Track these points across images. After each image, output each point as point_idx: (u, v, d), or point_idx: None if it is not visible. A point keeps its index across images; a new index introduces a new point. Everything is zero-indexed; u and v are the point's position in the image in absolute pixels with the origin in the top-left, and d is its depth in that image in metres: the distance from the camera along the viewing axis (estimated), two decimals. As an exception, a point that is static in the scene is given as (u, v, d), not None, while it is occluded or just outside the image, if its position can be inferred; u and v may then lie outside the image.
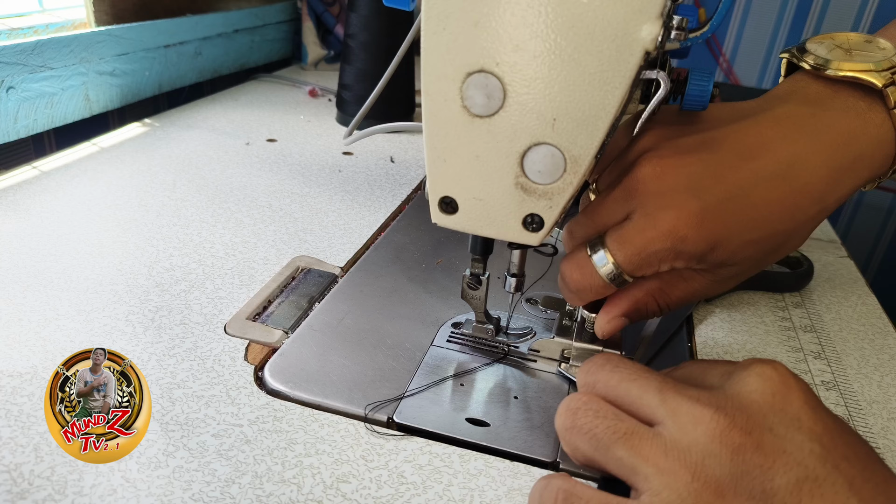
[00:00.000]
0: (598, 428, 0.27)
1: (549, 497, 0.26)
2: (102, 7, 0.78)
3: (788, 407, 0.25)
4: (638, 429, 0.26)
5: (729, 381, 0.27)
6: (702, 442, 0.25)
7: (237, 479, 0.31)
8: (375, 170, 0.71)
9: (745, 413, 0.25)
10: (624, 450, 0.26)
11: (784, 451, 0.24)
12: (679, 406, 0.26)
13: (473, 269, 0.39)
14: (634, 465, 0.25)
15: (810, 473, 0.24)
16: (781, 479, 0.24)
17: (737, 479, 0.24)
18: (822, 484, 0.23)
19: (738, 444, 0.24)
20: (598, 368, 0.29)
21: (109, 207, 0.57)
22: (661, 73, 0.30)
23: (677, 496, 0.24)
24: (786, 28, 1.32)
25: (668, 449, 0.25)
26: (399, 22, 0.80)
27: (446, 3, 0.29)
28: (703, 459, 0.24)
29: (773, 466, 0.24)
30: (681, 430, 0.25)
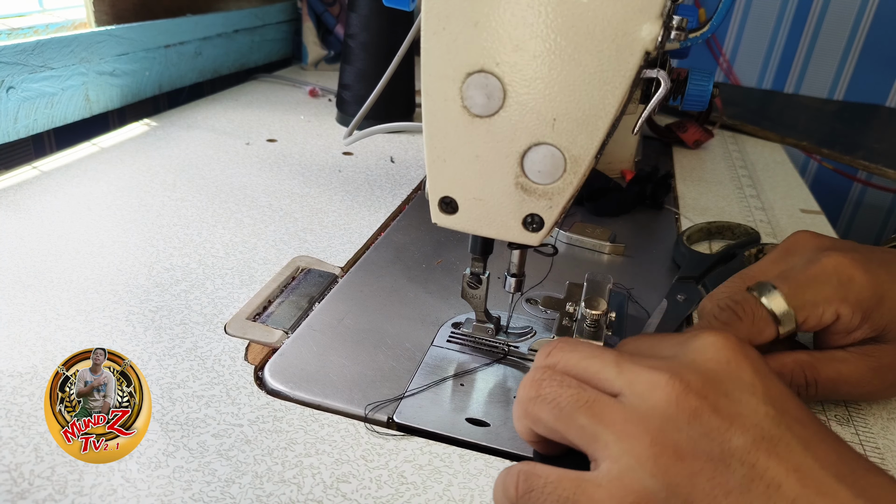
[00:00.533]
0: (562, 397, 0.27)
1: (511, 480, 0.27)
2: (102, 7, 0.78)
3: (742, 374, 0.26)
4: (600, 397, 0.27)
5: (683, 350, 0.28)
6: (660, 407, 0.25)
7: (237, 479, 0.31)
8: (375, 170, 0.71)
9: (701, 378, 0.26)
10: (586, 417, 0.26)
11: (740, 414, 0.25)
12: (636, 375, 0.27)
13: (473, 269, 0.39)
14: (596, 432, 0.26)
15: (766, 434, 0.24)
16: (738, 440, 0.24)
17: (695, 441, 0.24)
18: (778, 444, 0.24)
19: (694, 408, 0.25)
20: (557, 350, 0.30)
21: (109, 207, 0.57)
22: (661, 71, 0.30)
23: (636, 460, 0.25)
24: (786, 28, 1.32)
25: (628, 415, 0.26)
26: (399, 22, 0.80)
27: (446, 3, 0.29)
28: (662, 424, 0.25)
29: (730, 428, 0.25)
30: (639, 397, 0.26)
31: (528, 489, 0.26)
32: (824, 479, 0.24)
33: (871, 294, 0.35)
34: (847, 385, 0.37)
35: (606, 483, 0.25)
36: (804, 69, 1.34)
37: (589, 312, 0.42)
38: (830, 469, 0.24)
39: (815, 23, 1.29)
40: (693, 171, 0.80)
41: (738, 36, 1.37)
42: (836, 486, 0.23)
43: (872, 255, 0.37)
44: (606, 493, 0.25)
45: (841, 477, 0.24)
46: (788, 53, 1.34)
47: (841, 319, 0.35)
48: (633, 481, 0.24)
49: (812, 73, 1.33)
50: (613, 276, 0.48)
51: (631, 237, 0.61)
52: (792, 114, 1.10)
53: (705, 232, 0.60)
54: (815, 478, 0.24)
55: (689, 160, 0.84)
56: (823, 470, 0.24)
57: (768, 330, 0.35)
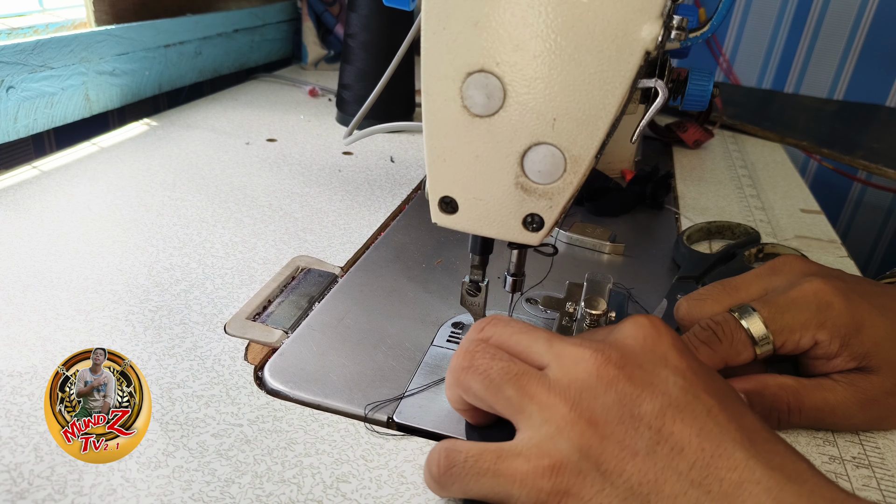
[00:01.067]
0: (493, 369, 0.28)
1: (433, 459, 0.28)
2: (102, 7, 0.78)
3: (657, 348, 0.28)
4: (527, 370, 0.28)
5: (611, 333, 0.30)
6: (581, 378, 0.27)
7: (237, 478, 0.31)
8: (375, 170, 0.71)
9: (620, 352, 0.28)
10: (513, 389, 0.28)
11: (651, 383, 0.27)
12: (563, 349, 0.28)
13: (472, 276, 0.39)
14: (521, 403, 0.27)
15: (673, 401, 0.26)
16: (648, 406, 0.26)
17: (608, 407, 0.27)
18: (684, 410, 0.26)
19: (611, 377, 0.27)
20: (491, 325, 0.31)
21: (109, 207, 0.57)
22: (659, 81, 0.30)
23: (555, 427, 0.26)
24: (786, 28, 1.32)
25: (551, 386, 0.27)
26: (399, 22, 0.80)
27: (446, 3, 0.29)
28: (581, 392, 0.27)
29: (641, 395, 0.27)
30: (563, 370, 0.28)
31: (449, 465, 0.27)
32: (722, 442, 0.25)
33: (848, 321, 0.35)
34: (833, 416, 0.36)
35: (525, 450, 0.26)
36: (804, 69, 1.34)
37: (589, 312, 0.42)
38: (729, 435, 0.26)
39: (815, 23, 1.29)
40: (693, 171, 0.80)
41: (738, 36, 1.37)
42: (731, 448, 0.25)
43: (856, 285, 0.37)
44: (524, 460, 0.26)
45: (738, 441, 0.25)
46: (788, 53, 1.34)
47: (819, 345, 0.36)
48: (549, 446, 0.26)
49: (812, 73, 1.33)
50: (613, 276, 0.48)
51: (631, 237, 0.61)
52: (792, 114, 1.10)
53: (705, 232, 0.60)
54: (714, 440, 0.25)
55: (689, 160, 0.84)
56: (722, 434, 0.26)
57: (746, 352, 0.36)
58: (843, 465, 0.35)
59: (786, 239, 0.63)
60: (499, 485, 0.26)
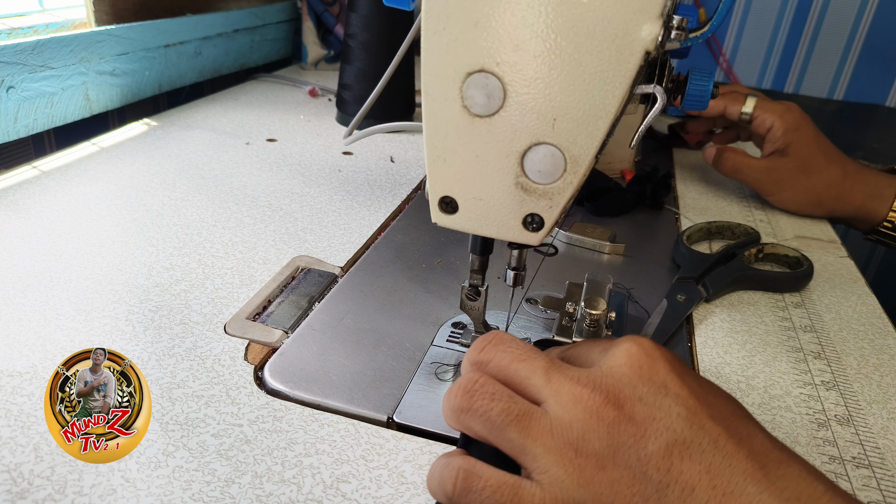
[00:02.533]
0: (493, 411, 0.28)
1: (449, 476, 0.27)
2: (102, 7, 0.78)
3: (655, 376, 0.27)
4: (528, 410, 0.28)
5: (604, 357, 0.29)
6: (581, 419, 0.27)
7: (237, 478, 0.31)
8: (375, 170, 0.71)
9: (617, 387, 0.27)
10: (515, 432, 0.27)
11: (654, 419, 0.26)
12: (561, 386, 0.28)
13: (472, 281, 0.39)
14: (525, 445, 0.27)
15: (678, 437, 0.26)
16: (653, 446, 0.25)
17: (614, 450, 0.26)
18: (690, 445, 0.25)
19: (612, 418, 0.26)
20: (491, 347, 0.30)
21: (109, 207, 0.57)
22: (658, 87, 0.30)
23: (564, 471, 0.26)
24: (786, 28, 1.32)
25: (553, 428, 0.27)
26: (399, 22, 0.80)
27: (446, 3, 0.29)
28: (584, 434, 0.26)
29: (645, 434, 0.26)
30: (563, 409, 0.27)
31: (466, 489, 0.27)
32: (732, 478, 0.25)
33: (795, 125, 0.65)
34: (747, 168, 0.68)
35: (540, 493, 0.26)
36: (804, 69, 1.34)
37: (589, 312, 0.42)
38: (738, 466, 0.25)
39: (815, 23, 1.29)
40: (693, 171, 0.80)
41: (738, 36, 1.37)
42: (743, 483, 0.24)
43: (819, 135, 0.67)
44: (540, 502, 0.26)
45: (749, 473, 0.25)
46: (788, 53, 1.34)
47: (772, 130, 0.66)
48: (563, 492, 0.26)
49: (812, 73, 1.33)
50: (613, 276, 0.48)
51: (631, 237, 0.61)
52: (792, 114, 1.10)
53: (705, 232, 0.60)
54: (724, 476, 0.25)
55: (689, 160, 0.84)
56: (731, 468, 0.25)
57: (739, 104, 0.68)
58: (843, 465, 0.35)
59: (786, 239, 0.63)
60: None
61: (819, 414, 0.39)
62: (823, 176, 0.65)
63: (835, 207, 0.66)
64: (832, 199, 0.66)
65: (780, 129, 0.66)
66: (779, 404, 0.40)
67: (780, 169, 0.66)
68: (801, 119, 0.66)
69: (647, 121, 0.32)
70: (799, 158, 0.65)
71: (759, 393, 0.41)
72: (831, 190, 0.65)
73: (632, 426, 0.26)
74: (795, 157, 0.65)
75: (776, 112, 0.66)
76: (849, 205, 0.65)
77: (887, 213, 0.63)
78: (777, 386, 0.42)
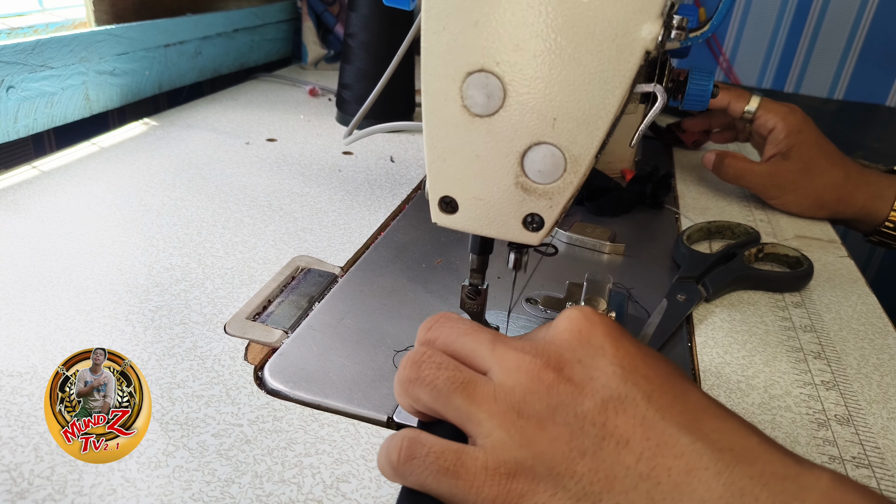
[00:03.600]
0: (439, 379, 0.28)
1: (394, 445, 0.28)
2: (102, 6, 0.78)
3: (593, 339, 0.28)
4: (473, 378, 0.28)
5: (548, 330, 0.30)
6: (523, 383, 0.27)
7: (237, 478, 0.31)
8: (375, 169, 0.71)
9: (558, 352, 0.28)
10: (461, 399, 0.28)
11: (591, 378, 0.27)
12: (505, 354, 0.29)
13: (472, 280, 0.39)
14: (470, 411, 0.27)
15: (613, 393, 0.26)
16: (589, 402, 0.26)
17: (554, 410, 0.27)
18: (624, 401, 0.26)
19: (552, 380, 0.27)
20: (438, 326, 0.31)
21: (109, 207, 0.57)
22: (658, 86, 0.30)
23: (506, 433, 0.27)
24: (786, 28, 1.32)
25: (496, 394, 0.28)
26: (399, 22, 0.80)
27: (446, 3, 0.29)
28: (525, 397, 0.27)
29: (582, 393, 0.27)
30: (506, 375, 0.28)
31: (410, 456, 0.27)
32: (666, 430, 0.25)
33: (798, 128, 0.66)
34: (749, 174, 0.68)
35: (483, 456, 0.26)
36: (804, 69, 1.34)
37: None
38: (672, 419, 0.25)
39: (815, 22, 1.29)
40: (693, 171, 0.80)
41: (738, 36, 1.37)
42: (676, 435, 0.25)
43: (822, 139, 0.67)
44: (482, 465, 0.26)
45: (682, 425, 0.25)
46: (788, 53, 1.34)
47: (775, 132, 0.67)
48: (505, 453, 0.26)
49: (812, 73, 1.33)
50: (613, 276, 0.48)
51: (631, 237, 0.61)
52: (792, 113, 1.10)
53: (705, 231, 0.60)
54: (657, 429, 0.25)
55: (689, 160, 0.84)
56: (665, 421, 0.25)
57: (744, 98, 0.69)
58: (843, 465, 0.35)
59: (786, 239, 0.63)
60: (456, 486, 0.26)
61: (819, 414, 0.39)
62: (825, 178, 0.66)
63: (837, 209, 0.66)
64: (834, 201, 0.66)
65: (783, 132, 0.66)
66: (779, 404, 0.40)
67: (783, 173, 0.66)
68: (804, 122, 0.66)
69: (647, 120, 0.32)
70: (801, 161, 0.65)
71: (759, 393, 0.41)
72: (833, 192, 0.65)
73: (570, 386, 0.27)
74: (797, 160, 0.65)
75: (779, 114, 0.66)
76: (851, 206, 0.65)
77: (888, 214, 0.63)
78: (777, 386, 0.42)
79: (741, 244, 0.57)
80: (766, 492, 0.23)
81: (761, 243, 0.57)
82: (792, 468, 0.24)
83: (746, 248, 0.56)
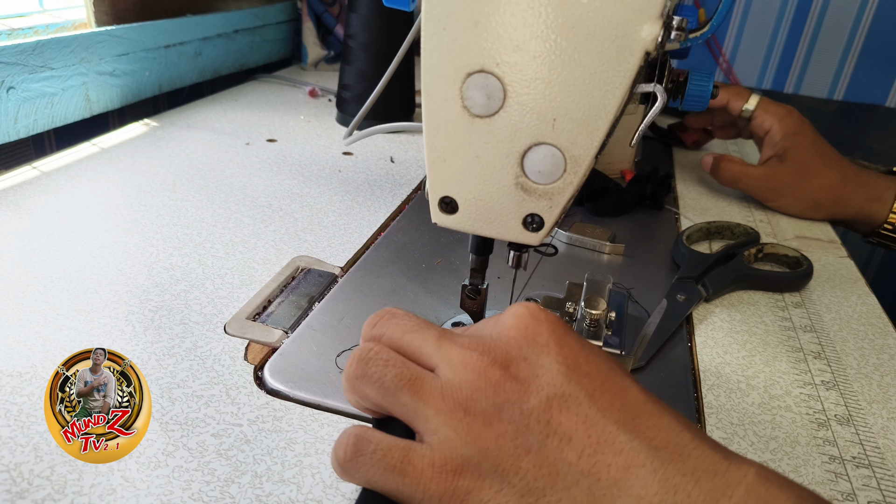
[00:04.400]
0: (387, 376, 0.28)
1: (341, 441, 0.28)
2: (102, 7, 0.78)
3: (539, 337, 0.28)
4: (420, 374, 0.28)
5: (495, 325, 0.30)
6: (470, 380, 0.28)
7: (237, 478, 0.31)
8: (375, 170, 0.71)
9: (504, 349, 0.28)
10: (408, 395, 0.28)
11: (536, 376, 0.27)
12: (452, 351, 0.29)
13: (472, 280, 0.39)
14: (417, 408, 0.28)
15: (557, 391, 0.27)
16: (534, 400, 0.27)
17: (500, 407, 0.27)
18: (568, 399, 0.26)
19: (498, 378, 0.27)
20: (385, 322, 0.31)
21: (109, 207, 0.57)
22: (658, 86, 0.30)
23: (453, 430, 0.27)
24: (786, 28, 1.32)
25: (443, 390, 0.28)
26: (399, 22, 0.80)
27: (446, 3, 0.29)
28: (472, 395, 0.27)
29: (527, 390, 0.27)
30: (453, 372, 0.28)
31: (357, 452, 0.27)
32: (606, 427, 0.26)
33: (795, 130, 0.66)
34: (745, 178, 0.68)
35: (429, 453, 0.27)
36: (804, 69, 1.34)
37: (589, 312, 0.42)
38: (612, 417, 0.26)
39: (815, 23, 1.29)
40: (693, 171, 0.80)
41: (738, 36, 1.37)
42: (615, 433, 0.26)
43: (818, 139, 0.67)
44: (429, 462, 0.26)
45: (621, 423, 0.26)
46: (788, 53, 1.34)
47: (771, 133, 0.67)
48: (451, 450, 0.26)
49: (812, 73, 1.33)
50: (613, 276, 0.48)
51: (631, 237, 0.61)
52: (792, 114, 1.10)
53: (705, 232, 0.60)
54: (598, 427, 0.26)
55: (689, 160, 0.84)
56: (605, 419, 0.26)
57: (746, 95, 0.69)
58: (844, 465, 0.35)
59: (786, 239, 0.63)
60: (403, 484, 0.26)
61: (819, 414, 0.39)
62: (822, 181, 0.66)
63: (834, 211, 0.66)
64: (831, 202, 0.66)
65: (779, 134, 0.66)
66: (779, 404, 0.40)
67: (778, 175, 0.67)
68: (801, 124, 0.66)
69: (647, 120, 0.32)
70: (797, 164, 0.66)
71: (759, 393, 0.41)
72: (830, 194, 0.66)
73: (516, 384, 0.27)
74: (793, 162, 0.66)
75: (776, 115, 0.67)
76: (848, 208, 0.65)
77: (887, 216, 0.63)
78: (777, 386, 0.42)
79: (741, 244, 0.57)
80: (697, 488, 0.24)
81: (761, 243, 0.57)
82: (721, 464, 0.25)
83: (746, 248, 0.56)
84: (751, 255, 0.55)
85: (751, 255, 0.55)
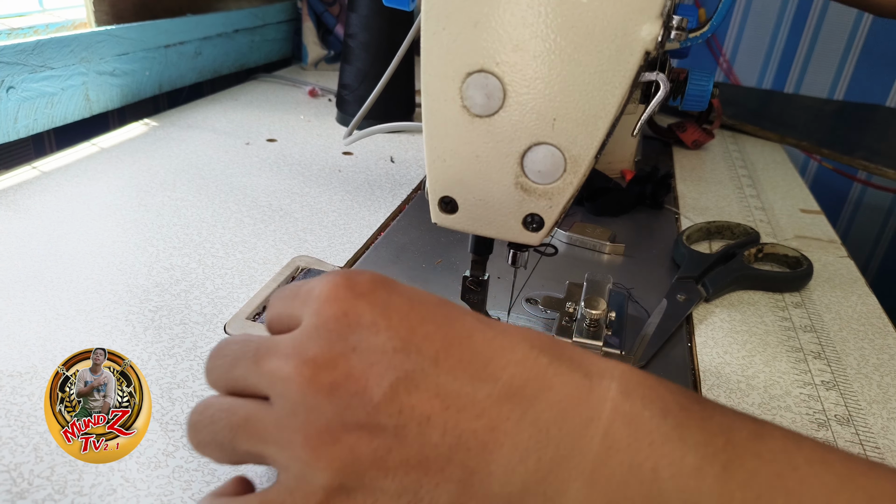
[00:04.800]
0: (219, 434, 0.25)
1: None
2: (102, 7, 0.78)
3: (362, 318, 0.24)
4: (249, 414, 0.25)
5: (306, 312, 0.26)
6: (300, 399, 0.23)
7: (237, 478, 0.31)
8: (375, 170, 0.71)
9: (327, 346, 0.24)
10: (245, 441, 0.25)
11: (372, 364, 0.23)
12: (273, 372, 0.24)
13: (473, 272, 0.39)
14: (259, 451, 0.25)
15: (399, 372, 0.23)
16: (377, 393, 0.23)
17: (341, 415, 0.23)
18: (413, 375, 0.23)
19: (330, 383, 0.23)
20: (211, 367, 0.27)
21: (109, 207, 0.57)
22: (661, 74, 0.30)
23: (302, 462, 0.23)
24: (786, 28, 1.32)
25: (279, 421, 0.24)
26: (399, 22, 0.80)
27: (446, 3, 0.29)
28: (308, 415, 0.23)
29: (367, 385, 0.23)
30: (283, 397, 0.24)
31: None
32: (461, 390, 0.23)
33: None
34: None
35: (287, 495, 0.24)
36: (804, 69, 1.34)
37: (589, 312, 0.42)
38: (463, 375, 0.23)
39: (815, 23, 1.29)
40: (693, 171, 0.80)
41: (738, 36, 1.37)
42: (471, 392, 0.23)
43: None
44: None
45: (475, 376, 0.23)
46: (788, 53, 1.34)
47: None
48: (307, 484, 0.23)
49: (812, 73, 1.33)
50: (613, 276, 0.48)
51: (631, 237, 0.61)
52: (792, 114, 1.10)
53: (705, 232, 0.60)
54: (452, 393, 0.23)
55: (689, 160, 0.84)
56: (457, 381, 0.23)
57: None
58: (843, 465, 0.35)
59: (786, 239, 0.63)
60: None
61: (819, 414, 0.39)
62: None
63: None
64: None
65: None
66: (779, 404, 0.40)
67: None
68: None
69: (649, 109, 0.32)
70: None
71: (759, 393, 0.41)
72: None
73: (352, 382, 0.23)
74: None
75: None
76: None
77: None
78: (777, 386, 0.42)
79: (741, 244, 0.57)
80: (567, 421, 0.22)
81: (761, 243, 0.57)
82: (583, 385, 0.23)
83: (746, 248, 0.56)
84: (751, 255, 0.55)
85: (751, 255, 0.55)
